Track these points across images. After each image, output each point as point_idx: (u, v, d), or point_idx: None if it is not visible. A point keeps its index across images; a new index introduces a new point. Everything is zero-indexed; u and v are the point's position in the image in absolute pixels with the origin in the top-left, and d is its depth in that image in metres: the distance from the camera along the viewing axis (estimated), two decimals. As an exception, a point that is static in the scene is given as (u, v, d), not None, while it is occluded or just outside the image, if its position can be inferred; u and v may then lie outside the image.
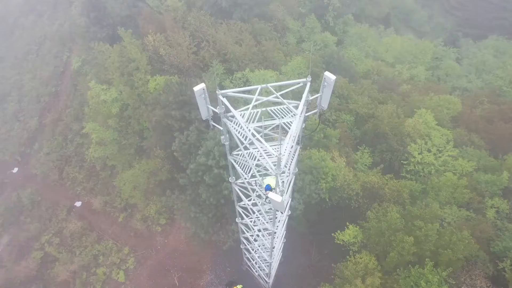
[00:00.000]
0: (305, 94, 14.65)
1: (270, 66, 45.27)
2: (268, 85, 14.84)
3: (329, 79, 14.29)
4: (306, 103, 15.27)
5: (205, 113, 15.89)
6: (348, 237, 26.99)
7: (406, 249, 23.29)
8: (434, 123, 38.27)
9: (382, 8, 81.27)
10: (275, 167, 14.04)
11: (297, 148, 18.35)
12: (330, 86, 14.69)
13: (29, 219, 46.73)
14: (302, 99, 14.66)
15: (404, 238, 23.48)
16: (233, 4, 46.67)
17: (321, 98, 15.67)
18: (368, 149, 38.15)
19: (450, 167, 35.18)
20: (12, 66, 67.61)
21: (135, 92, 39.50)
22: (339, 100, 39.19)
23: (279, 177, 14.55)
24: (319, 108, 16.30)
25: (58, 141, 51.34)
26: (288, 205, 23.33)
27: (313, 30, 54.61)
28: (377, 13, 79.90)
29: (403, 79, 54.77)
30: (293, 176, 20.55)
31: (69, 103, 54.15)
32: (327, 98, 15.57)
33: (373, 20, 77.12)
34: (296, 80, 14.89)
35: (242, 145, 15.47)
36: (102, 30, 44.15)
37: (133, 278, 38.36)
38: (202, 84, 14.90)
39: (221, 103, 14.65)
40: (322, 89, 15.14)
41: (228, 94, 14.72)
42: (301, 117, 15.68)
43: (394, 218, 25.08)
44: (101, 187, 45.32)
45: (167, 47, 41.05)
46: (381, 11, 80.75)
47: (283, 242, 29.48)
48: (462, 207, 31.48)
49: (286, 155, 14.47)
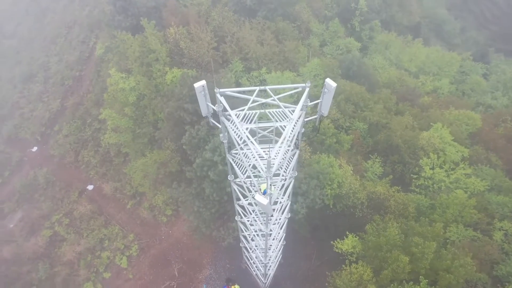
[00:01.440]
0: (302, 99, 14.57)
1: (290, 67, 45.20)
2: (267, 88, 14.82)
3: (330, 86, 14.21)
4: (305, 108, 15.23)
5: (204, 110, 16.04)
6: (346, 247, 26.68)
7: (401, 267, 22.88)
8: (450, 138, 37.39)
9: (413, 16, 79.58)
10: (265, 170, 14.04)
11: (296, 152, 18.27)
12: (331, 93, 14.59)
13: (43, 198, 48.05)
14: (299, 104, 14.60)
15: (399, 256, 23.05)
16: (258, 3, 46.65)
17: (321, 104, 15.56)
18: (380, 158, 37.66)
19: (461, 184, 34.36)
20: (41, 48, 69.58)
21: (152, 82, 40.07)
22: (354, 108, 38.74)
23: (269, 180, 14.52)
24: (319, 114, 16.17)
25: (77, 125, 52.58)
26: (288, 208, 23.29)
27: (336, 34, 54.03)
28: (408, 21, 78.29)
29: (426, 90, 53.61)
30: (292, 180, 20.52)
31: (91, 88, 55.35)
32: (327, 104, 15.45)
33: (402, 28, 75.66)
34: (294, 85, 14.80)
35: (238, 145, 15.55)
36: (127, 19, 44.89)
37: (135, 265, 39.03)
38: (202, 81, 15.04)
39: (219, 102, 14.75)
40: (322, 95, 15.03)
41: (226, 93, 14.77)
42: (298, 121, 15.67)
43: (393, 234, 24.63)
44: (113, 173, 46.21)
45: (188, 41, 41.41)
46: (412, 20, 79.08)
47: (283, 244, 29.47)
48: (469, 227, 30.71)
49: (279, 159, 14.47)
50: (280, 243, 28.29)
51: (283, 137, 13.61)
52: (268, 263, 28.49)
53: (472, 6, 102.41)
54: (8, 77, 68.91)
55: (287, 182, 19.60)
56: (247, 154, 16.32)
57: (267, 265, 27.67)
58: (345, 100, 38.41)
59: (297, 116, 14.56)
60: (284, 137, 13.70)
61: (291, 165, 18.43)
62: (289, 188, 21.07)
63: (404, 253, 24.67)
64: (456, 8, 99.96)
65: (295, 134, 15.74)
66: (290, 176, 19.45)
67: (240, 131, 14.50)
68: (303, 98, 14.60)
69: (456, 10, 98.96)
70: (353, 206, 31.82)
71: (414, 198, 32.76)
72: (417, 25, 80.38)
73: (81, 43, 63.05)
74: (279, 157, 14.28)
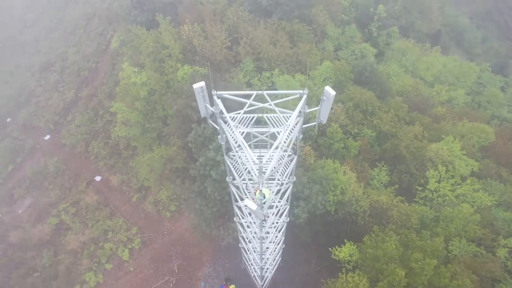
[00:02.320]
0: (299, 106, 14.45)
1: (302, 69, 44.97)
2: (264, 92, 14.74)
3: (329, 93, 14.07)
4: (302, 115, 15.12)
5: (203, 111, 16.04)
6: (343, 255, 26.43)
7: (397, 281, 22.55)
8: (460, 152, 36.72)
9: (434, 24, 78.28)
10: (257, 175, 13.99)
11: (293, 158, 18.13)
12: (330, 100, 14.44)
13: (52, 186, 48.86)
14: (296, 111, 14.48)
15: (396, 270, 22.71)
16: (274, 4, 46.45)
17: (319, 112, 15.43)
18: (387, 167, 37.27)
19: (468, 198, 33.76)
20: (60, 38, 70.70)
21: (164, 78, 40.35)
22: (362, 115, 38.36)
23: (261, 185, 14.47)
24: (317, 121, 16.03)
25: (89, 116, 53.30)
26: (286, 212, 23.19)
27: (352, 39, 53.52)
28: (427, 28, 77.07)
29: (440, 100, 52.74)
30: (290, 185, 20.37)
31: (105, 80, 56.05)
32: (326, 112, 15.30)
33: (422, 35, 74.51)
34: (293, 91, 14.67)
35: (234, 148, 15.53)
36: (142, 14, 45.29)
37: (137, 258, 39.42)
38: (201, 82, 15.01)
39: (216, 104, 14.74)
40: (321, 103, 14.89)
41: (223, 95, 14.76)
42: (295, 128, 15.56)
43: (390, 249, 24.26)
44: (121, 165, 46.71)
45: (201, 39, 41.57)
46: (432, 27, 77.83)
47: (282, 247, 29.38)
48: (473, 242, 30.12)
49: (272, 164, 14.36)
50: (278, 246, 28.19)
51: (276, 143, 13.51)
52: (265, 266, 28.48)
53: (496, 16, 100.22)
54: (27, 65, 70.23)
55: (284, 187, 19.48)
56: (242, 158, 16.28)
57: (263, 267, 27.65)
58: (354, 106, 38.05)
59: (293, 122, 14.44)
60: (277, 143, 13.59)
61: (288, 170, 18.29)
62: (287, 193, 20.95)
63: (402, 266, 24.34)
64: (478, 17, 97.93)
65: (291, 140, 15.66)
66: (288, 181, 19.34)
67: (235, 135, 14.48)
68: (300, 104, 14.48)
69: (478, 19, 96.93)
70: (355, 214, 31.58)
71: (418, 209, 32.30)
72: (437, 33, 79.11)
73: (99, 35, 63.91)
74: (272, 163, 14.16)
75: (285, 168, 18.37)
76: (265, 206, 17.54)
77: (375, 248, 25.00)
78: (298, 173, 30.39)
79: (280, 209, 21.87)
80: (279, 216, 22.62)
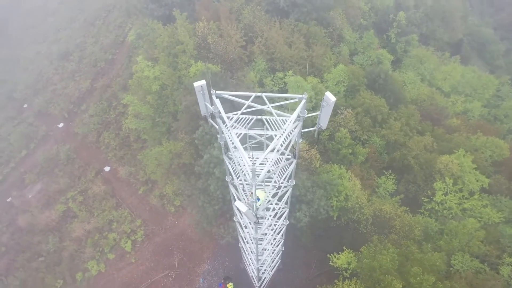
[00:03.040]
0: (297, 110, 14.30)
1: (315, 72, 44.66)
2: (263, 94, 14.64)
3: (329, 99, 13.90)
4: (301, 119, 14.98)
5: (203, 110, 16.05)
6: (341, 262, 26.15)
7: (393, 293, 22.24)
8: (470, 167, 35.98)
9: (456, 33, 76.68)
10: (251, 177, 13.91)
11: (293, 162, 17.98)
12: (330, 106, 14.27)
13: (62, 173, 49.67)
14: (293, 115, 14.34)
15: (392, 283, 22.31)
16: (292, 5, 46.18)
17: (320, 117, 15.28)
18: (394, 176, 36.79)
19: (476, 213, 33.10)
20: (80, 28, 71.76)
21: (176, 74, 40.52)
22: (372, 122, 37.89)
23: (254, 187, 14.39)
24: (317, 127, 15.87)
25: (103, 106, 53.95)
26: (286, 214, 23.05)
27: (370, 45, 52.84)
28: (449, 37, 75.55)
29: (455, 111, 51.79)
30: (289, 188, 20.19)
31: (121, 72, 56.61)
32: (326, 118, 15.14)
33: (442, 44, 73.13)
34: (292, 95, 14.52)
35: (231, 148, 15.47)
36: (160, 9, 45.59)
37: (139, 250, 39.77)
38: (202, 81, 15.03)
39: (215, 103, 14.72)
40: (321, 108, 14.73)
41: (222, 95, 14.73)
42: (294, 132, 15.43)
43: (385, 261, 23.84)
44: (130, 157, 47.15)
45: (216, 37, 41.61)
46: (454, 36, 76.25)
47: (281, 250, 29.23)
48: (477, 258, 29.47)
49: (267, 167, 14.25)
50: (278, 249, 28.08)
51: (271, 146, 13.40)
52: (262, 267, 28.39)
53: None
54: (47, 53, 71.49)
55: (282, 190, 19.34)
56: (238, 159, 16.22)
57: (260, 269, 27.55)
58: (364, 112, 37.63)
59: (290, 126, 14.30)
60: (272, 147, 13.47)
61: (287, 174, 18.13)
62: (285, 196, 20.80)
63: (401, 278, 23.95)
64: (503, 29, 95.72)
65: (289, 143, 15.53)
66: (286, 185, 19.18)
67: (232, 135, 14.43)
68: (298, 109, 14.34)
69: (502, 31, 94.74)
70: (357, 221, 31.30)
71: (423, 221, 31.78)
72: (458, 42, 77.54)
73: (117, 27, 64.67)
74: (267, 166, 14.06)
75: (283, 171, 18.22)
76: (259, 209, 17.48)
77: (372, 259, 24.64)
78: (302, 176, 30.22)
79: (278, 212, 21.76)
80: (278, 218, 22.52)
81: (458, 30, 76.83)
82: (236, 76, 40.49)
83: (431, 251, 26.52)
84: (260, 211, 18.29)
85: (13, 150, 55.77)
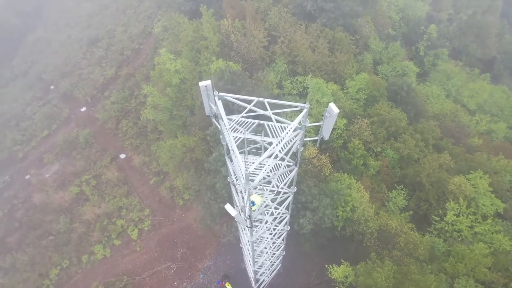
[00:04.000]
0: (298, 118, 14.21)
1: (336, 79, 44.18)
2: (265, 100, 14.58)
3: (332, 110, 13.78)
4: (304, 128, 14.87)
5: (207, 110, 16.18)
6: (337, 275, 25.81)
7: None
8: (487, 189, 34.86)
9: (489, 50, 74.23)
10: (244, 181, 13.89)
11: (293, 169, 17.86)
12: (333, 117, 14.14)
13: (79, 156, 50.88)
14: (293, 123, 14.24)
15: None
16: (319, 10, 45.71)
17: (322, 127, 15.14)
18: (406, 191, 36.04)
19: (486, 238, 32.07)
20: (111, 16, 73.22)
21: (197, 69, 40.82)
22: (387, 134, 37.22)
23: (247, 192, 14.35)
24: (319, 136, 15.73)
25: (125, 94, 54.90)
26: (286, 220, 22.93)
27: (395, 56, 51.84)
28: (482, 54, 73.25)
29: (479, 130, 50.24)
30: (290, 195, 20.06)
31: (145, 63, 57.46)
32: (329, 128, 15.03)
33: (474, 60, 71.07)
34: (295, 103, 14.41)
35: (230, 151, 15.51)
36: (187, 3, 46.02)
37: (144, 239, 40.34)
38: (208, 81, 15.08)
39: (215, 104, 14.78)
40: (323, 119, 14.62)
41: (225, 97, 14.75)
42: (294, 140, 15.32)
43: (379, 279, 23.37)
44: (145, 147, 47.87)
45: (239, 35, 41.69)
46: (487, 53, 73.84)
47: (282, 254, 29.15)
48: (482, 284, 28.57)
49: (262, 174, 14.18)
50: (278, 253, 27.99)
51: (266, 153, 13.32)
52: (260, 270, 28.36)
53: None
54: (78, 38, 73.23)
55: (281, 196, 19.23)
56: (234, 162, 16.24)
57: (257, 271, 27.54)
58: (379, 122, 37.00)
59: (288, 134, 14.19)
60: (267, 154, 13.40)
61: (286, 180, 18.02)
62: (286, 202, 20.69)
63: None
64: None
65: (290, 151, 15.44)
66: (287, 191, 19.07)
67: (229, 138, 14.47)
68: (299, 117, 14.26)
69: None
70: (362, 234, 30.82)
71: (429, 240, 31.02)
72: (491, 60, 75.11)
73: (147, 17, 65.64)
74: (262, 172, 14.00)
75: (283, 177, 18.13)
76: (255, 213, 17.45)
77: (368, 276, 24.23)
78: (310, 183, 29.96)
79: (278, 217, 21.66)
80: (278, 223, 22.43)
81: (492, 47, 74.42)
82: (256, 76, 40.44)
83: (429, 273, 25.83)
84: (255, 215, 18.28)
85: (36, 129, 57.45)
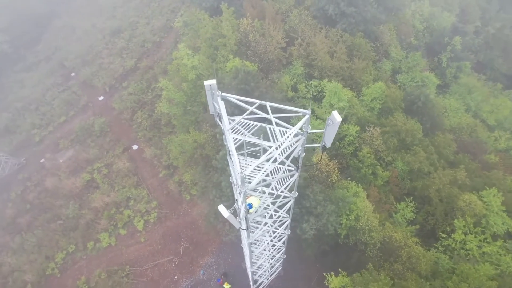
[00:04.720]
0: (299, 124, 14.10)
1: (352, 85, 43.71)
2: (267, 103, 14.51)
3: (335, 119, 13.62)
4: (305, 134, 14.76)
5: (211, 109, 16.18)
6: (334, 285, 25.56)
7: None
8: (499, 208, 34.06)
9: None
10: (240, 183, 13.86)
11: (294, 174, 17.74)
12: (335, 126, 14.00)
13: (93, 144, 51.67)
14: (294, 128, 14.14)
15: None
16: (340, 14, 45.28)
17: (324, 135, 15.01)
18: (414, 204, 35.49)
19: (494, 259, 31.33)
20: (135, 8, 74.05)
21: (214, 66, 40.94)
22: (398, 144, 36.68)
23: (242, 194, 14.31)
24: (321, 144, 15.59)
25: (142, 86, 55.49)
26: (287, 224, 22.80)
27: (415, 66, 50.96)
28: (507, 69, 71.57)
29: (497, 147, 49.08)
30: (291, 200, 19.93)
31: (165, 56, 57.98)
32: (331, 136, 14.88)
33: (499, 75, 69.34)
34: (297, 109, 14.28)
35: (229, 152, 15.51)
36: (208, 0, 46.15)
37: (149, 231, 40.73)
38: (213, 81, 15.05)
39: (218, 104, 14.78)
40: (326, 126, 14.49)
41: (228, 98, 14.74)
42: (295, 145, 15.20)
43: None
44: (158, 140, 48.28)
45: (258, 35, 41.64)
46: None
47: (283, 257, 29.01)
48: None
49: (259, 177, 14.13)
50: (278, 255, 27.89)
51: (263, 157, 13.27)
52: (258, 271, 28.32)
53: None
54: (101, 27, 74.30)
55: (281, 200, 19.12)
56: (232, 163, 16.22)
57: (255, 272, 27.49)
58: (392, 132, 36.47)
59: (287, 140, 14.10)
60: (264, 158, 13.34)
61: (287, 185, 17.90)
62: (287, 206, 20.56)
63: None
64: None
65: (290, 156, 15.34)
66: (288, 195, 18.96)
67: (228, 139, 14.47)
68: (300, 123, 14.15)
69: None
70: (365, 244, 30.47)
71: (434, 256, 30.46)
72: (516, 75, 73.44)
73: (170, 11, 66.22)
74: (258, 176, 13.94)
75: (283, 181, 18.02)
76: (251, 216, 17.39)
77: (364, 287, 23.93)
78: (316, 189, 29.74)
79: (277, 220, 21.55)
80: (278, 226, 22.33)
81: (519, 62, 72.73)
82: (271, 77, 40.35)
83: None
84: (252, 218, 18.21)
85: (54, 114, 58.55)
